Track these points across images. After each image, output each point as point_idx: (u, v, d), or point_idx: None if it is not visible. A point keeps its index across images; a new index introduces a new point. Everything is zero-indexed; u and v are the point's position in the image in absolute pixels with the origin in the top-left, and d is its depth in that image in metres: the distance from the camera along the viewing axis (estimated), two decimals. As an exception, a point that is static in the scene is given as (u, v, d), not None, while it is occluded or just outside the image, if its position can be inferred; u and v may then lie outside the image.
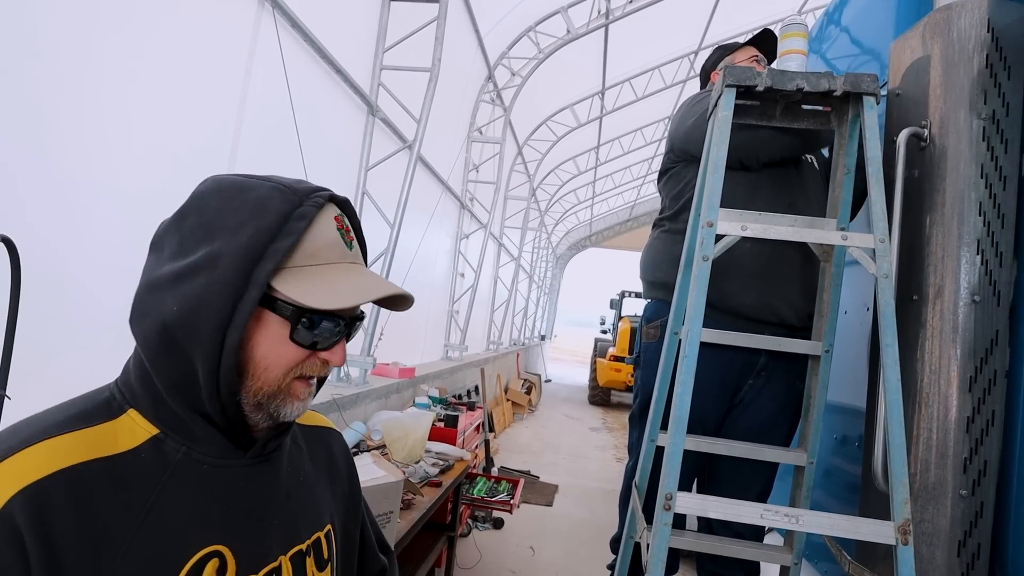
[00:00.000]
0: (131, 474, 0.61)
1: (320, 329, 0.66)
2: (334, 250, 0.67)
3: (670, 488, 1.26)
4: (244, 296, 0.61)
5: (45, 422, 0.60)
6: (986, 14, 1.38)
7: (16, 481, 0.55)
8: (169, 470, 0.63)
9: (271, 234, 0.62)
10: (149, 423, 0.64)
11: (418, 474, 2.67)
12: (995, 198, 1.35)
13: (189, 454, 0.65)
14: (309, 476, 0.80)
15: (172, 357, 0.62)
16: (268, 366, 0.65)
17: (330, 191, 0.69)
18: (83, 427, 0.61)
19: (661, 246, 1.97)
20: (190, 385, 0.63)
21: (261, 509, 0.70)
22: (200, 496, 0.64)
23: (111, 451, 0.61)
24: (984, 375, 1.32)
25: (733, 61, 1.99)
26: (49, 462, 0.57)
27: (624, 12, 6.47)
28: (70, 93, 1.87)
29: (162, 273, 0.63)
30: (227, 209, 0.63)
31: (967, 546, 1.30)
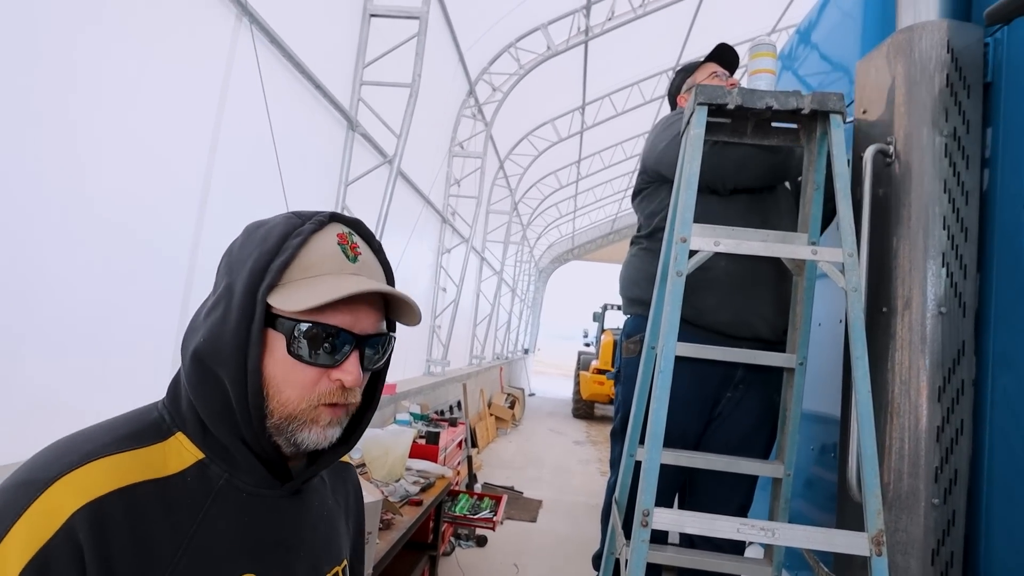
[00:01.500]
0: (179, 497, 0.63)
1: (318, 341, 0.65)
2: (331, 262, 0.67)
3: (647, 504, 1.26)
4: (256, 315, 0.64)
5: (101, 439, 0.62)
6: (946, 35, 1.42)
7: (79, 496, 0.56)
8: (212, 495, 0.65)
9: (271, 255, 0.65)
10: (196, 447, 0.66)
11: (398, 493, 2.64)
12: (958, 212, 1.38)
13: (231, 481, 0.66)
14: (331, 510, 0.81)
15: (207, 384, 0.65)
16: (280, 386, 0.65)
17: (336, 212, 0.71)
18: (137, 447, 0.63)
19: (639, 263, 2.00)
20: (229, 412, 0.65)
21: (291, 540, 0.71)
22: (238, 523, 0.66)
23: (161, 473, 0.63)
24: (952, 385, 1.35)
25: (695, 80, 2.05)
26: (109, 480, 0.58)
27: (603, 29, 6.58)
28: (45, 106, 1.85)
29: (200, 311, 0.69)
30: (244, 244, 0.68)
31: (940, 555, 1.32)
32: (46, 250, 1.90)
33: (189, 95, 2.49)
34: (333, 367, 0.66)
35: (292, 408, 0.66)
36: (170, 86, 2.36)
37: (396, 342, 0.75)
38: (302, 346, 0.65)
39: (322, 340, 0.65)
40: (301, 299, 0.64)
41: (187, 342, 0.67)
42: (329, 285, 0.65)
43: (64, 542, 0.54)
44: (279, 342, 0.65)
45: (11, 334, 1.79)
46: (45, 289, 1.90)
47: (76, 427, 0.65)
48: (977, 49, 1.42)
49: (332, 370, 0.66)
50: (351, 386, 0.67)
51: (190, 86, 2.49)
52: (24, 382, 1.83)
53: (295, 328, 0.64)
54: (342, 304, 0.66)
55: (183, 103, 2.45)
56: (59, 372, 1.96)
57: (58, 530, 0.54)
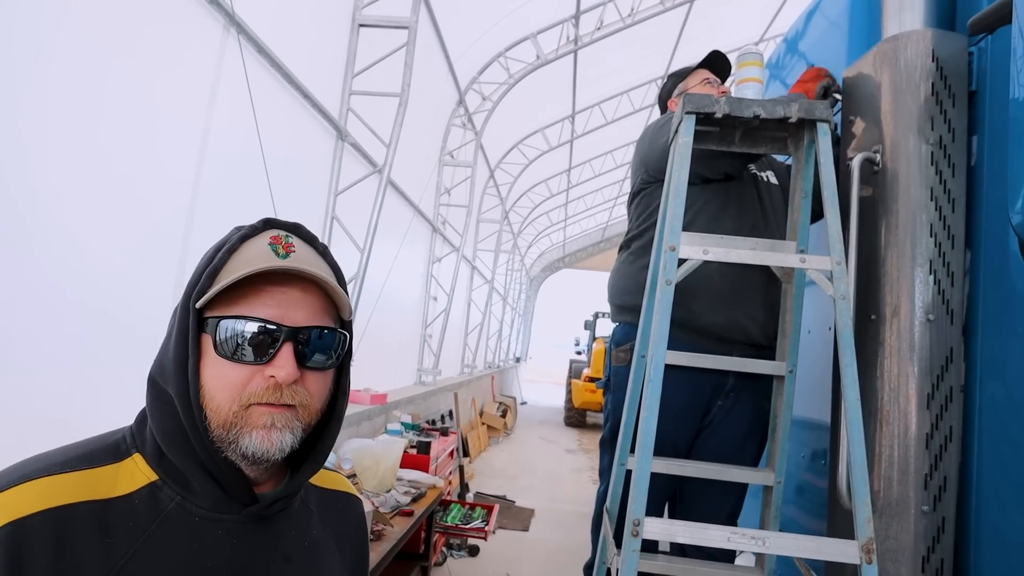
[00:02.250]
0: (120, 520, 0.61)
1: (243, 335, 0.62)
2: (258, 261, 0.64)
3: (637, 514, 1.25)
4: (191, 324, 0.64)
5: (52, 459, 0.61)
6: (930, 44, 1.44)
7: (1, 516, 0.56)
8: (159, 519, 0.62)
9: (205, 266, 0.65)
10: (151, 469, 0.64)
11: (389, 503, 2.62)
12: (945, 220, 1.39)
13: (183, 504, 0.64)
14: (317, 541, 0.76)
15: (159, 404, 0.65)
16: (212, 392, 0.63)
17: (272, 218, 0.70)
18: (85, 468, 0.62)
19: (628, 269, 1.99)
20: (181, 431, 0.63)
21: (252, 570, 0.66)
22: (187, 549, 0.62)
23: (106, 495, 0.61)
24: (941, 392, 1.35)
25: (687, 86, 2.05)
26: (39, 500, 0.57)
27: (592, 38, 6.61)
28: (30, 118, 1.83)
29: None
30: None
31: (931, 562, 1.32)
32: (32, 257, 1.88)
33: (176, 106, 2.48)
34: (264, 364, 0.63)
35: (224, 413, 0.62)
36: (157, 97, 2.34)
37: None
38: (226, 343, 0.62)
39: (247, 334, 0.62)
40: (212, 291, 0.62)
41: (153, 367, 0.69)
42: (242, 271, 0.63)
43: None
44: (208, 345, 0.63)
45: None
46: (30, 298, 1.87)
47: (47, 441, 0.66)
48: (962, 58, 1.43)
49: (264, 367, 0.63)
50: (285, 381, 0.63)
51: (177, 97, 2.48)
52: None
53: (218, 325, 0.62)
54: (268, 298, 0.63)
55: (170, 114, 2.43)
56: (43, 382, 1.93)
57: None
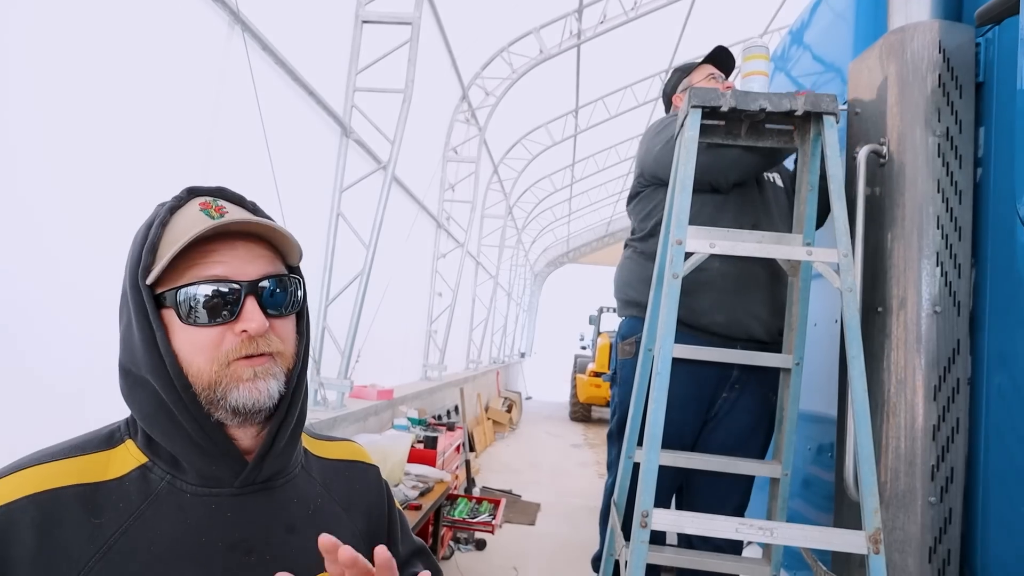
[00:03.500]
0: (109, 501, 0.62)
1: (205, 299, 0.64)
2: (194, 227, 0.64)
3: (646, 505, 1.26)
4: (147, 304, 0.65)
5: (46, 450, 0.64)
6: (937, 36, 1.43)
7: None
8: (149, 498, 0.64)
9: (140, 245, 0.66)
10: (142, 453, 0.66)
11: (397, 498, 2.63)
12: (952, 211, 1.39)
13: (172, 483, 0.66)
14: (322, 509, 0.76)
15: (136, 390, 0.66)
16: (190, 359, 0.65)
17: (194, 186, 0.71)
18: (77, 455, 0.64)
19: (632, 265, 2.00)
20: (163, 411, 0.65)
21: (251, 542, 0.67)
22: (178, 526, 0.63)
23: (96, 478, 0.63)
24: (948, 383, 1.35)
25: (692, 81, 2.05)
26: (27, 485, 0.59)
27: (595, 32, 6.59)
28: (30, 116, 1.84)
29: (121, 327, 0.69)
30: (129, 252, 0.68)
31: (937, 552, 1.33)
32: (33, 256, 1.89)
33: (182, 103, 2.49)
34: (232, 321, 0.65)
35: (207, 375, 0.64)
36: (162, 94, 2.35)
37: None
38: (192, 310, 0.64)
39: (209, 297, 0.64)
40: (162, 261, 0.63)
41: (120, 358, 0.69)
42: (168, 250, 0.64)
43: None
44: (173, 317, 0.65)
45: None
46: (34, 299, 1.89)
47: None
48: (969, 49, 1.43)
49: (233, 324, 0.65)
50: (257, 332, 0.65)
51: (182, 94, 2.49)
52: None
53: (177, 295, 0.64)
54: (216, 256, 0.65)
55: (176, 111, 2.44)
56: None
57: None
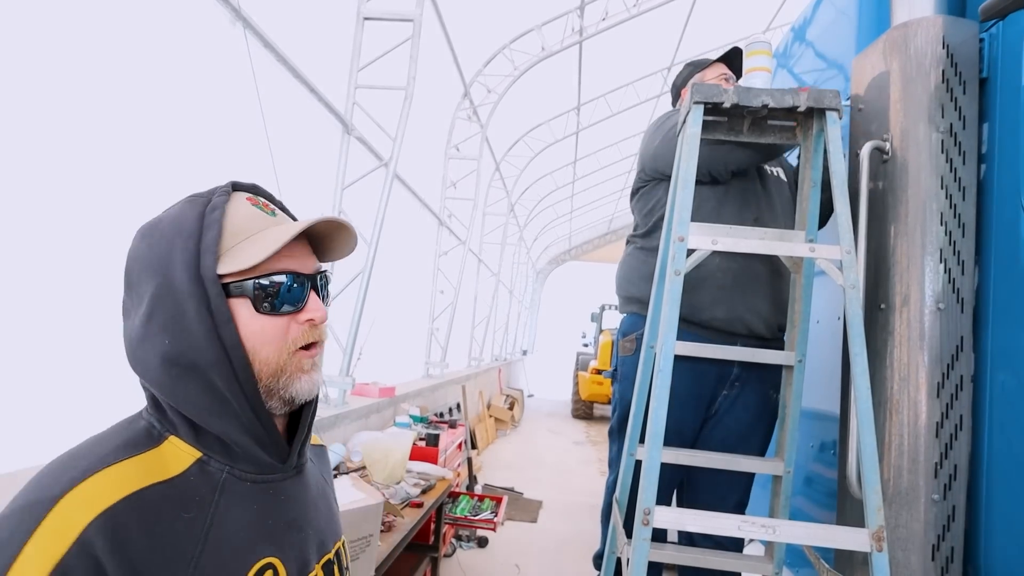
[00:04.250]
0: (187, 496, 0.63)
1: (279, 290, 0.68)
2: (255, 221, 0.70)
3: (648, 503, 1.26)
4: (210, 295, 0.65)
5: (97, 452, 0.62)
6: (941, 31, 1.43)
7: (89, 509, 0.56)
8: (218, 489, 0.66)
9: (196, 236, 0.66)
10: (191, 447, 0.67)
11: (399, 495, 2.64)
12: (955, 208, 1.39)
13: (232, 472, 0.68)
14: (323, 487, 0.84)
15: (188, 383, 0.65)
16: (257, 348, 0.67)
17: (233, 181, 0.73)
18: (134, 454, 0.63)
19: (634, 262, 2.00)
20: (220, 402, 0.66)
21: (300, 520, 0.73)
22: (249, 511, 0.67)
23: (165, 475, 0.63)
24: (951, 381, 1.35)
25: (703, 78, 2.04)
26: (116, 488, 0.58)
27: (598, 29, 6.58)
28: (30, 114, 1.84)
29: (136, 325, 0.66)
30: (153, 244, 0.67)
31: (940, 550, 1.32)
32: (34, 258, 1.89)
33: (183, 100, 2.49)
34: (299, 311, 0.70)
35: (274, 364, 0.68)
36: (164, 91, 2.35)
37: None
38: (269, 299, 0.67)
39: (283, 288, 0.68)
40: (250, 257, 0.66)
41: (144, 358, 0.66)
42: (268, 237, 0.68)
43: (79, 557, 0.53)
44: (242, 307, 0.67)
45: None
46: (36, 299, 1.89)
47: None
48: (972, 45, 1.42)
49: (298, 314, 0.70)
50: (322, 321, 0.71)
51: (184, 91, 2.49)
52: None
53: (255, 285, 0.67)
54: (285, 251, 0.69)
55: (177, 108, 2.44)
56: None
57: (71, 546, 0.53)
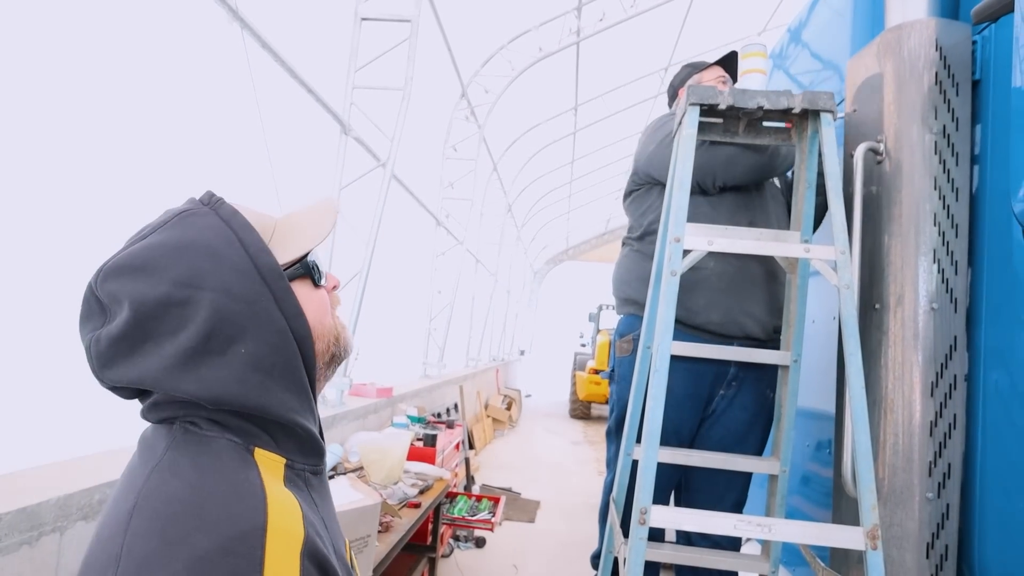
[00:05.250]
0: (300, 495, 0.67)
1: (317, 266, 0.76)
2: (263, 218, 0.75)
3: (645, 502, 1.27)
4: (276, 292, 0.68)
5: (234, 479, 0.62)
6: (934, 34, 1.44)
7: (294, 548, 0.59)
8: (306, 484, 0.71)
9: (236, 242, 0.68)
10: (275, 454, 0.69)
11: (396, 495, 2.64)
12: (948, 209, 1.40)
13: (306, 468, 0.73)
14: None
15: (272, 386, 0.67)
16: (321, 320, 0.74)
17: (208, 191, 0.76)
18: (259, 471, 0.65)
19: (630, 264, 2.01)
20: (298, 398, 0.70)
21: (332, 507, 0.81)
22: (324, 500, 0.75)
23: (280, 483, 0.67)
24: (945, 380, 1.36)
25: (700, 80, 2.05)
26: (293, 513, 0.62)
27: (595, 30, 6.59)
28: (30, 112, 1.84)
29: (180, 350, 0.64)
30: (174, 269, 0.65)
31: (935, 548, 1.33)
32: (27, 259, 1.90)
33: (179, 101, 2.49)
34: (327, 280, 0.79)
35: (332, 330, 0.76)
36: (160, 92, 2.36)
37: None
38: (317, 275, 0.75)
39: (319, 263, 0.77)
40: (303, 244, 0.74)
41: (197, 377, 0.64)
42: (304, 223, 0.76)
43: (311, 557, 0.60)
44: (302, 289, 0.73)
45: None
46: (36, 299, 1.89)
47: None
48: (965, 47, 1.43)
49: (328, 284, 0.79)
50: (340, 286, 0.82)
51: (181, 92, 2.49)
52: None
53: (306, 265, 0.74)
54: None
55: (174, 109, 2.45)
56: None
57: (302, 553, 0.59)
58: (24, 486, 1.49)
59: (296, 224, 0.75)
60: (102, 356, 0.65)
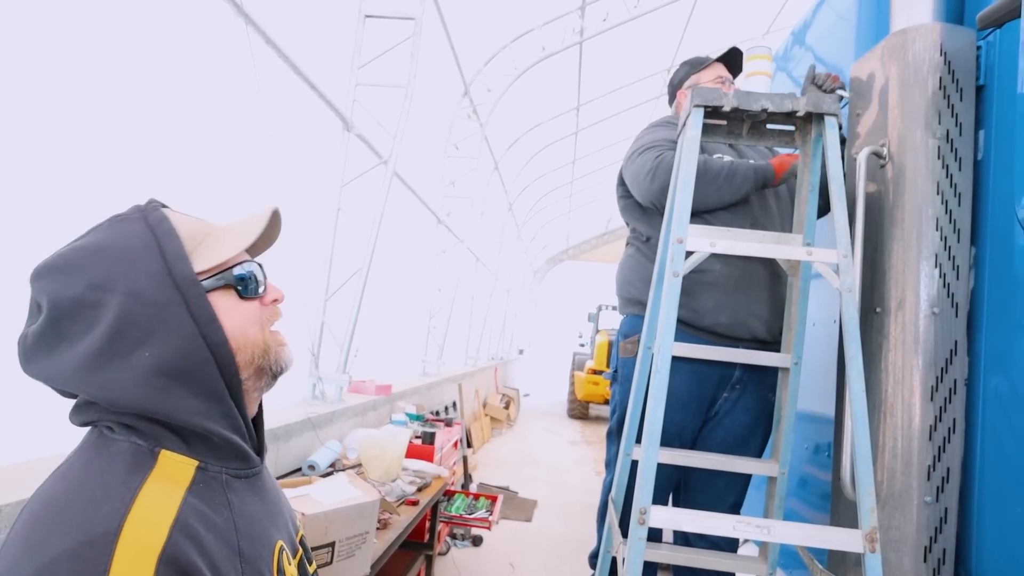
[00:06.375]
0: (209, 500, 0.66)
1: (251, 276, 0.75)
2: (199, 226, 0.75)
3: (644, 502, 1.27)
4: (189, 299, 0.67)
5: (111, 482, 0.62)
6: (939, 38, 1.44)
7: (160, 525, 0.58)
8: (224, 488, 0.69)
9: (155, 248, 0.68)
10: (186, 456, 0.68)
11: (395, 493, 2.64)
12: (951, 213, 1.40)
13: (228, 472, 0.71)
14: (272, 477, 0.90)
15: (177, 391, 0.66)
16: (244, 331, 0.72)
17: (151, 199, 0.76)
18: (147, 473, 0.64)
19: (634, 264, 2.01)
20: (208, 403, 0.68)
21: (278, 504, 0.80)
22: (252, 504, 0.73)
23: (184, 487, 0.65)
24: (945, 384, 1.36)
25: (700, 80, 2.04)
26: (168, 502, 0.61)
27: (598, 30, 6.59)
28: (30, 109, 1.84)
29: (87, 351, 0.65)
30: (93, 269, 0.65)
31: (933, 552, 1.34)
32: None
33: (184, 96, 2.49)
34: (266, 293, 0.77)
35: (261, 343, 0.74)
36: (164, 87, 2.36)
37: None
38: (245, 286, 0.74)
39: (253, 274, 0.75)
40: (222, 253, 0.72)
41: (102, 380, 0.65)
42: (231, 233, 0.74)
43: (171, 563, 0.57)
44: (224, 298, 0.72)
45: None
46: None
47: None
48: (970, 52, 1.43)
49: (265, 296, 0.77)
50: (282, 297, 0.79)
51: (185, 87, 2.49)
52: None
53: (232, 275, 0.73)
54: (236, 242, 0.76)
55: (178, 104, 2.44)
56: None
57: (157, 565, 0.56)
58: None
59: (226, 234, 0.75)
60: (27, 353, 0.67)
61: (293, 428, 2.78)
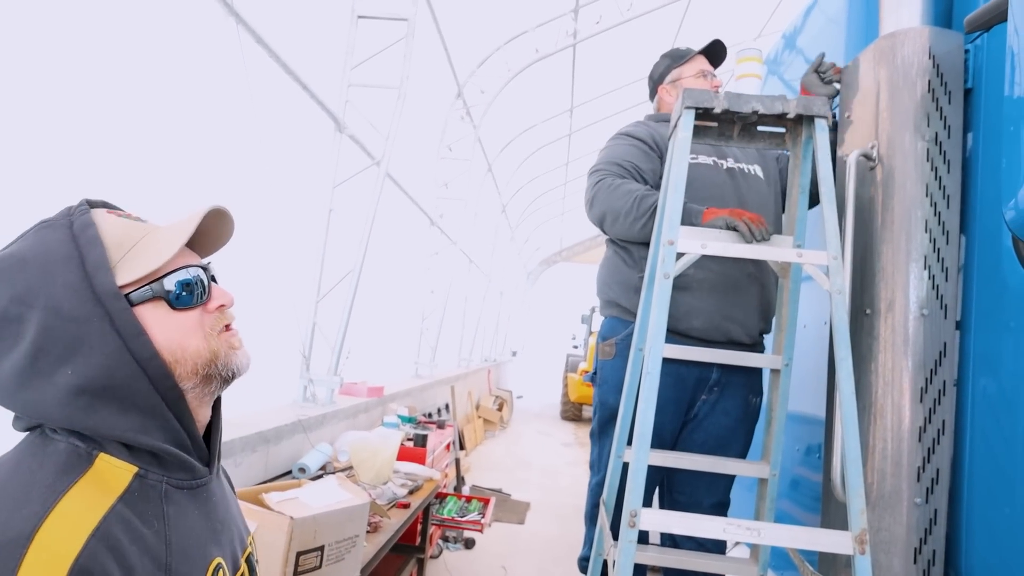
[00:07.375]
0: (141, 510, 0.63)
1: (191, 283, 0.70)
2: (132, 230, 0.69)
3: (635, 505, 1.27)
4: (112, 313, 0.63)
5: (37, 483, 0.59)
6: (927, 42, 1.45)
7: (75, 536, 0.55)
8: (163, 500, 0.66)
9: (76, 258, 0.64)
10: (126, 463, 0.65)
11: (386, 495, 2.63)
12: (940, 216, 1.41)
13: (170, 482, 0.67)
14: (228, 489, 0.87)
15: (104, 409, 0.63)
16: (181, 343, 0.68)
17: (85, 199, 0.72)
18: (79, 477, 0.61)
19: (611, 266, 2.01)
20: (142, 418, 0.64)
21: (226, 518, 0.77)
22: (192, 517, 0.69)
23: (116, 493, 0.62)
24: (934, 386, 1.37)
25: (682, 74, 2.02)
26: (90, 511, 0.58)
27: (591, 33, 6.60)
28: (27, 108, 1.83)
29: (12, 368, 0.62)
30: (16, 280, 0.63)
31: (922, 553, 1.34)
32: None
33: (174, 96, 2.47)
34: (209, 300, 0.72)
35: (206, 351, 0.70)
36: (154, 87, 2.34)
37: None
38: (182, 295, 0.69)
39: (192, 281, 0.70)
40: (151, 262, 0.66)
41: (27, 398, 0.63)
42: (161, 239, 0.69)
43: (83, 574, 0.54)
44: (154, 310, 0.67)
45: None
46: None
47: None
48: (958, 55, 1.44)
49: (208, 303, 0.72)
50: (231, 305, 0.74)
51: (175, 87, 2.47)
52: None
53: (164, 285, 0.67)
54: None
55: (167, 104, 2.43)
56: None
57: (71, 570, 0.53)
58: None
59: (159, 238, 0.69)
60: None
61: (283, 431, 2.76)
